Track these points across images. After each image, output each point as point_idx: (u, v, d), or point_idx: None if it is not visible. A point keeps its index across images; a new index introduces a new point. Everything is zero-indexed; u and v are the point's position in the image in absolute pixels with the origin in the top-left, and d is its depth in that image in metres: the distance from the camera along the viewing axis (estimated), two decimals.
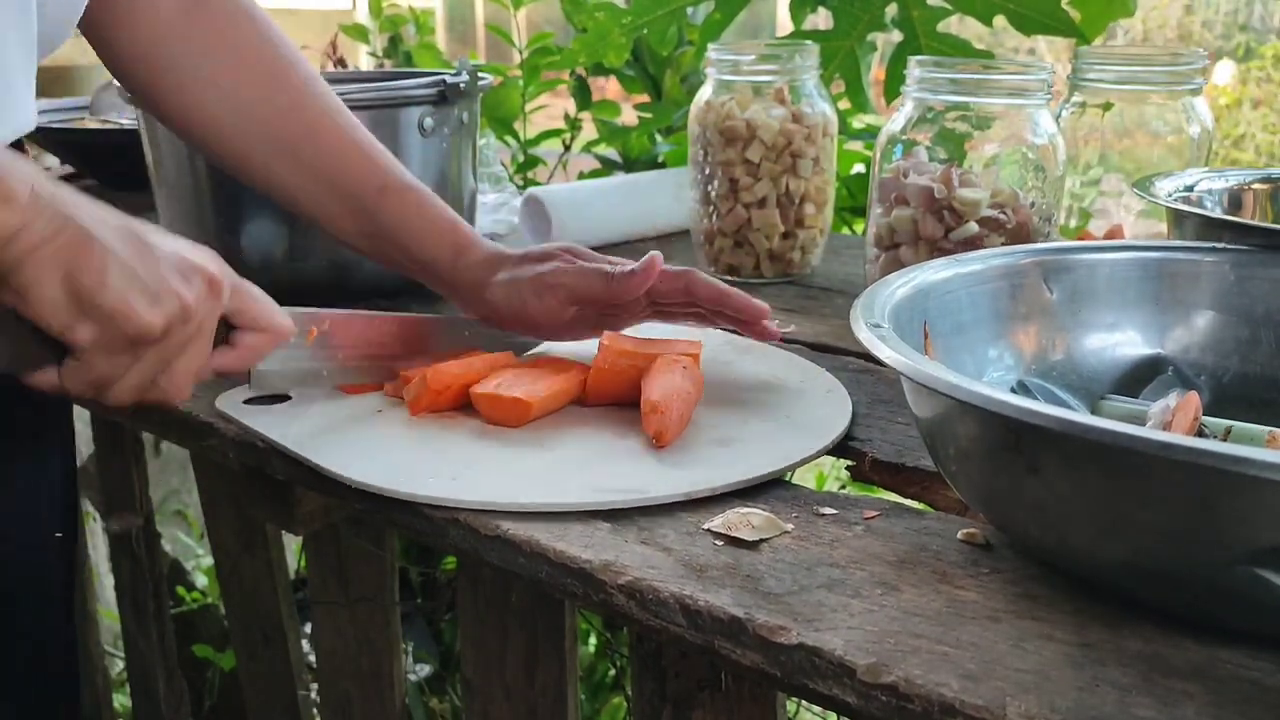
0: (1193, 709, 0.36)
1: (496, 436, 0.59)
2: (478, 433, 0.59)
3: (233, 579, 1.01)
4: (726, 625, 0.43)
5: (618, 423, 0.61)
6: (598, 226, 1.04)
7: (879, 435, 0.60)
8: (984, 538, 0.48)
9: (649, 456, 0.56)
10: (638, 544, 0.48)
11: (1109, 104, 0.82)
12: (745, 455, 0.56)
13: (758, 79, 0.89)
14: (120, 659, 1.54)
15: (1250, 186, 0.73)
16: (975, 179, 0.72)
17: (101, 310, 0.49)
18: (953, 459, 0.45)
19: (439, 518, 0.52)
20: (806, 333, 0.79)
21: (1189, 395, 0.52)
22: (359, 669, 0.93)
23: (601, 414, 0.62)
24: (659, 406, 0.56)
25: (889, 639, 0.40)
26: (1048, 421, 0.36)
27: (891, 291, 0.52)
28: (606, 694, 1.37)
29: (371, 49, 1.56)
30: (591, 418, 0.62)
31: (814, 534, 0.49)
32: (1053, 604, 0.43)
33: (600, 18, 1.14)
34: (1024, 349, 0.58)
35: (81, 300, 0.48)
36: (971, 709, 0.36)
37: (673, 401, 0.57)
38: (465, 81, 0.85)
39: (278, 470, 0.60)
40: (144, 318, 0.49)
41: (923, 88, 0.73)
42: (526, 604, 0.75)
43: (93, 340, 0.50)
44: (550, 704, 0.76)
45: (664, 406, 0.56)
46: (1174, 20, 3.24)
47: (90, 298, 0.48)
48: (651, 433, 0.56)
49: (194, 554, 1.92)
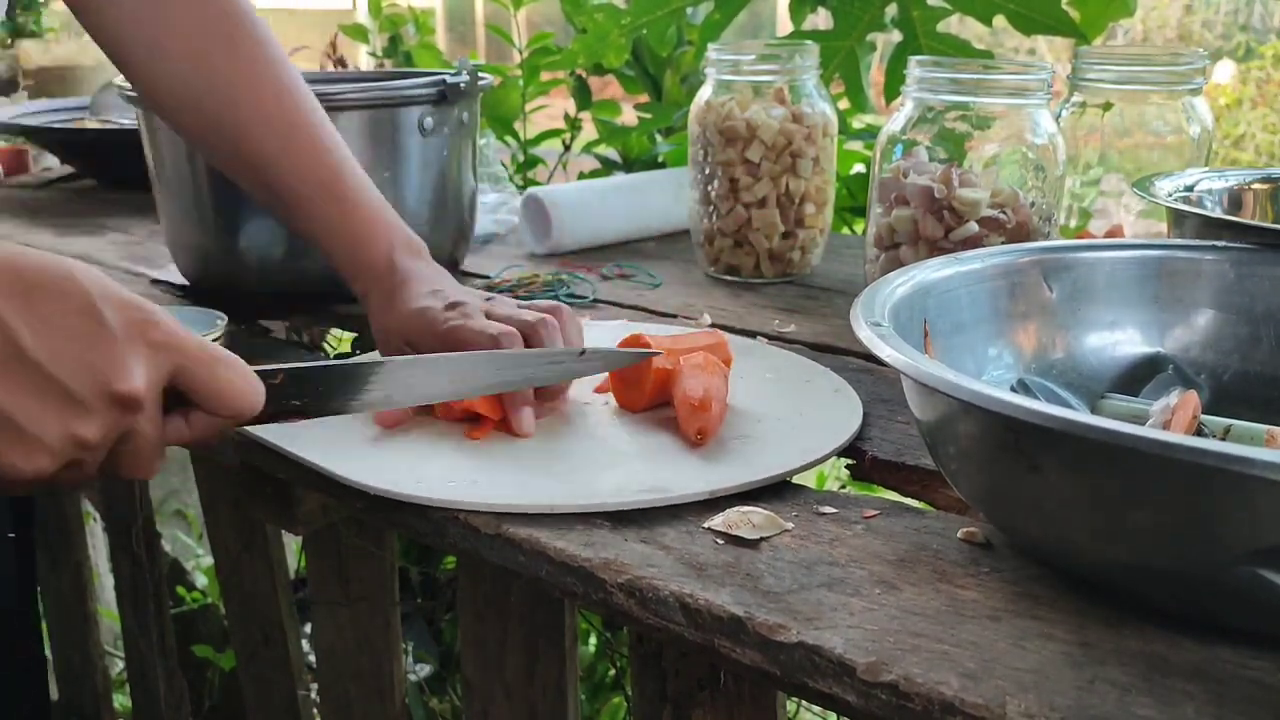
0: (1193, 709, 0.36)
1: (502, 437, 0.59)
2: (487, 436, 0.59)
3: (233, 579, 1.01)
4: (726, 624, 0.43)
5: (629, 423, 0.61)
6: (598, 226, 1.04)
7: (879, 434, 0.60)
8: (984, 537, 0.48)
9: (668, 454, 0.56)
10: (637, 543, 0.48)
11: (1109, 104, 0.82)
12: (764, 453, 0.56)
13: (758, 79, 0.89)
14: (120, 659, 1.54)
15: (1250, 186, 0.73)
16: (975, 179, 0.72)
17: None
18: (953, 458, 0.45)
19: (439, 517, 0.52)
20: (806, 333, 0.79)
21: (1188, 394, 0.51)
22: (359, 669, 0.93)
23: (607, 414, 0.62)
24: (704, 403, 0.56)
25: (889, 638, 0.40)
26: (1048, 421, 0.36)
27: (891, 290, 0.52)
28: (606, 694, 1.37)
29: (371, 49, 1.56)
30: (599, 417, 0.62)
31: (814, 533, 0.49)
32: (1053, 603, 0.43)
33: (600, 18, 1.14)
34: (1024, 348, 0.58)
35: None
36: (971, 708, 0.36)
37: (713, 399, 0.57)
38: (465, 81, 0.85)
39: (278, 470, 0.60)
40: (24, 470, 0.39)
41: (923, 88, 0.73)
42: (526, 604, 0.75)
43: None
44: (550, 704, 0.76)
45: (706, 404, 0.56)
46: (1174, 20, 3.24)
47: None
48: (694, 430, 0.56)
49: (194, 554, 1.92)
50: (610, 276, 0.96)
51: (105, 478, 0.44)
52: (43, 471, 0.39)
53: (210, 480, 0.98)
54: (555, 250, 1.02)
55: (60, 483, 0.42)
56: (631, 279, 0.95)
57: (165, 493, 2.00)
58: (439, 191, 0.88)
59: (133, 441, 0.42)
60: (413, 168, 0.85)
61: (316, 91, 0.80)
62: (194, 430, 0.45)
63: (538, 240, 1.03)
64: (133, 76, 0.70)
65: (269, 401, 0.47)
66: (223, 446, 0.63)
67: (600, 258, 1.02)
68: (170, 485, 2.03)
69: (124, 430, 0.41)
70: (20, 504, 0.71)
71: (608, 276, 0.96)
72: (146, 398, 0.41)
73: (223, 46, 0.67)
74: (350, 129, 0.81)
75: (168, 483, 2.01)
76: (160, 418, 0.43)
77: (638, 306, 0.86)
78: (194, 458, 1.00)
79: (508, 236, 1.12)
